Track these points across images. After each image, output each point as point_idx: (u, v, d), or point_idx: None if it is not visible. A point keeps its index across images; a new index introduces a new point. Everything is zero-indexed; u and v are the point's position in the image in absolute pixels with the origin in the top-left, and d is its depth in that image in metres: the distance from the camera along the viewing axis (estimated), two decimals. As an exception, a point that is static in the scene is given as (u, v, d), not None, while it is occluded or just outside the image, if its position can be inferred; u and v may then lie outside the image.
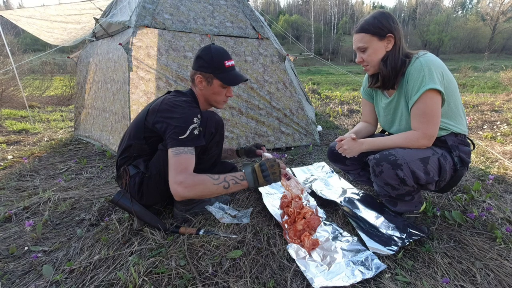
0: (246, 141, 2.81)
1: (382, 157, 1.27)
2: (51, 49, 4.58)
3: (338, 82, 13.13)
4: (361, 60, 1.36)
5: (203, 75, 1.36)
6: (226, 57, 1.37)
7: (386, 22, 1.26)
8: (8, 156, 2.81)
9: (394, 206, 1.43)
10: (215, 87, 1.38)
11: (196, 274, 1.10)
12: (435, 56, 1.27)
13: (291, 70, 3.73)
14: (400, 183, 1.26)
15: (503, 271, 1.10)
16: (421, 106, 1.22)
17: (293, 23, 48.17)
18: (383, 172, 1.27)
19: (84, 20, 4.33)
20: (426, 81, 1.18)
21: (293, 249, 1.24)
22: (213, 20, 2.93)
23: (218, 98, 1.43)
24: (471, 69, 14.64)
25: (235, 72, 1.41)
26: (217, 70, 1.35)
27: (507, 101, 5.39)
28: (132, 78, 2.48)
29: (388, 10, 21.44)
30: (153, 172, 1.34)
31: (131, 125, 1.41)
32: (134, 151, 1.37)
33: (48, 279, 1.12)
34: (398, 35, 1.28)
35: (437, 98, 1.20)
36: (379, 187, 1.37)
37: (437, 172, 1.27)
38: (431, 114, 1.21)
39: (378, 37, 1.27)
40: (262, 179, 1.25)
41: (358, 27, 1.32)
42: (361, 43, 1.31)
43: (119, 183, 1.43)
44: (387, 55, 1.30)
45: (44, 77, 8.96)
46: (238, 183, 1.23)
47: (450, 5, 59.87)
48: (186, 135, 1.19)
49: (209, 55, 1.35)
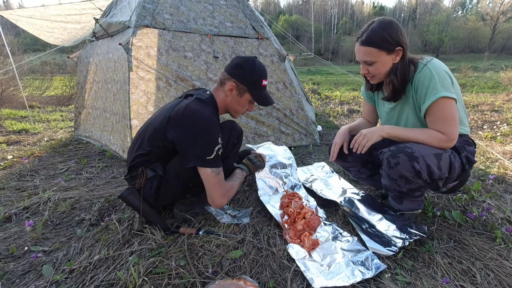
0: (246, 141, 2.81)
1: (398, 149, 1.26)
2: (51, 49, 4.58)
3: (338, 82, 13.13)
4: (366, 72, 1.32)
5: (237, 85, 1.35)
6: (265, 76, 1.38)
7: (395, 35, 1.22)
8: (8, 156, 2.81)
9: (399, 203, 1.40)
10: (244, 100, 1.39)
11: (196, 274, 1.10)
12: (440, 62, 1.26)
13: (291, 70, 3.74)
14: (415, 176, 1.24)
15: (503, 271, 1.10)
16: (439, 112, 1.21)
17: (293, 23, 48.17)
18: (399, 164, 1.24)
19: (84, 20, 4.33)
20: (439, 88, 1.17)
21: (293, 249, 1.24)
22: (213, 20, 2.93)
23: (240, 109, 1.44)
24: (471, 69, 14.64)
25: (266, 93, 1.43)
26: (253, 85, 1.36)
27: (507, 101, 5.39)
28: (132, 78, 2.48)
29: (388, 10, 21.38)
30: (171, 177, 1.35)
31: (149, 128, 1.36)
32: (153, 156, 1.37)
33: (48, 279, 1.12)
34: (406, 47, 1.25)
35: (453, 103, 1.20)
36: (390, 181, 1.33)
37: (447, 169, 1.28)
38: (451, 118, 1.21)
39: (386, 51, 1.24)
40: (252, 167, 1.65)
41: (364, 39, 1.24)
42: (368, 57, 1.26)
43: (131, 183, 1.40)
44: (396, 66, 1.27)
45: (44, 77, 8.95)
46: (242, 175, 1.55)
47: (450, 5, 59.87)
48: (213, 156, 1.23)
49: (251, 68, 1.33)
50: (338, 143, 1.55)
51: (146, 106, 2.52)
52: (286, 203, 1.59)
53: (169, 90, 2.63)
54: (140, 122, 2.45)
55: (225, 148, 1.39)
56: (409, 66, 1.28)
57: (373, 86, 1.47)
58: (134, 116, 2.45)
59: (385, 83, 1.44)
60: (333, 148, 1.55)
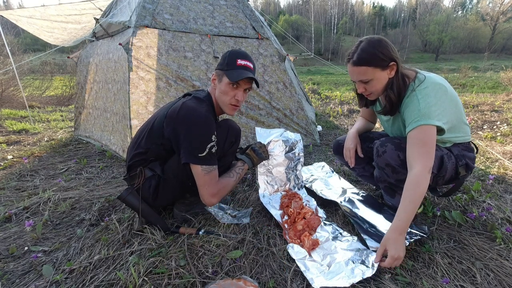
0: (246, 141, 2.81)
1: (387, 139, 1.32)
2: (51, 49, 4.58)
3: (338, 82, 13.13)
4: (363, 90, 1.31)
5: (217, 73, 1.36)
6: (240, 56, 1.32)
7: (386, 52, 1.20)
8: (8, 156, 2.81)
9: (392, 197, 1.43)
10: (223, 85, 1.32)
11: (196, 274, 1.10)
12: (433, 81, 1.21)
13: (291, 70, 3.74)
14: (400, 165, 1.27)
15: (503, 271, 1.10)
16: (419, 135, 1.16)
17: (293, 23, 48.19)
18: (386, 152, 1.29)
19: (84, 20, 4.34)
20: (421, 116, 1.15)
21: (293, 249, 1.24)
22: (213, 20, 2.93)
23: (225, 99, 1.34)
24: (471, 69, 14.64)
25: (242, 71, 1.31)
26: (228, 66, 1.31)
27: (507, 101, 5.39)
28: (132, 78, 2.48)
29: (388, 10, 21.38)
30: (170, 176, 1.35)
31: (148, 127, 1.37)
32: (151, 155, 1.37)
33: (48, 279, 1.12)
34: (399, 61, 1.25)
35: (433, 130, 1.16)
36: (379, 170, 1.38)
37: (437, 166, 1.28)
38: (430, 145, 1.15)
39: (381, 68, 1.22)
40: (256, 158, 1.55)
41: (356, 59, 1.22)
42: (363, 76, 1.25)
43: (130, 183, 1.40)
44: (392, 81, 1.26)
45: (44, 77, 8.96)
46: (242, 169, 1.47)
47: (450, 5, 59.92)
48: (204, 154, 1.23)
49: (226, 53, 1.35)
50: (352, 148, 1.55)
51: (146, 106, 2.52)
52: (286, 203, 1.59)
53: (169, 90, 2.63)
54: (140, 122, 2.45)
55: (223, 147, 1.39)
56: (404, 81, 1.26)
57: (367, 102, 1.48)
58: (134, 116, 2.45)
59: (382, 97, 1.43)
60: (349, 154, 1.55)
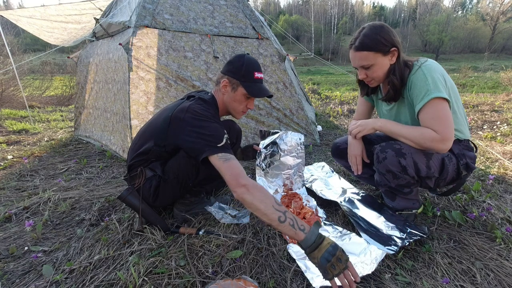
0: (246, 141, 2.81)
1: (387, 145, 1.30)
2: (51, 49, 4.58)
3: (338, 82, 13.14)
4: (365, 77, 1.32)
5: (230, 80, 1.35)
6: (256, 68, 1.35)
7: (388, 37, 1.22)
8: (8, 156, 2.81)
9: (392, 200, 1.43)
10: (238, 95, 1.35)
11: (196, 274, 1.10)
12: (436, 63, 1.25)
13: (291, 70, 3.74)
14: (401, 171, 1.27)
15: (503, 271, 1.10)
16: (431, 111, 1.18)
17: (293, 23, 48.18)
18: (386, 159, 1.28)
19: (84, 20, 4.34)
20: (431, 89, 1.17)
21: (293, 249, 1.24)
22: (213, 20, 2.93)
23: (237, 107, 1.39)
24: (471, 69, 14.64)
25: (261, 85, 1.38)
26: (244, 78, 1.33)
27: (507, 101, 5.39)
28: (132, 78, 2.48)
29: (388, 10, 21.39)
30: (170, 177, 1.35)
31: (150, 128, 1.36)
32: (152, 156, 1.36)
33: (48, 279, 1.12)
34: (400, 47, 1.26)
35: (445, 104, 1.18)
36: (380, 175, 1.37)
37: (438, 169, 1.28)
38: (444, 117, 1.17)
39: (382, 53, 1.24)
40: (318, 253, 0.94)
41: (358, 44, 1.24)
42: (365, 61, 1.26)
43: (131, 183, 1.41)
44: (393, 67, 1.27)
45: (44, 77, 8.97)
46: (294, 229, 0.98)
47: (450, 5, 59.91)
48: (223, 143, 1.18)
49: (240, 62, 1.33)
50: (359, 155, 1.51)
51: (146, 106, 2.52)
52: (286, 203, 1.59)
53: (169, 90, 2.63)
54: (140, 122, 2.45)
55: None
56: (405, 67, 1.28)
57: (369, 90, 1.48)
58: (134, 116, 2.45)
59: (383, 84, 1.44)
60: (356, 161, 1.52)
